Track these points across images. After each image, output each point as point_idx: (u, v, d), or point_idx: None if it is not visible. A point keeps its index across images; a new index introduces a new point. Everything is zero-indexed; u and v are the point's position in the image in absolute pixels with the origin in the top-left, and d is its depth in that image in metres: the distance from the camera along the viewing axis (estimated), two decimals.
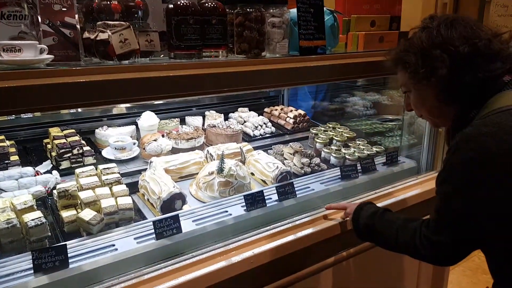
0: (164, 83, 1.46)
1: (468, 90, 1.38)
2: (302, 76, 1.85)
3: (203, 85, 1.57)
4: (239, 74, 1.65)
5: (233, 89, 1.62)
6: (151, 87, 1.43)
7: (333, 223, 1.95)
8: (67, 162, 2.45)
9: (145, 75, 1.41)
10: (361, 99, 3.59)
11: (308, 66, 1.84)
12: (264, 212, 1.99)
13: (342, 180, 2.31)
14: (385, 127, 3.11)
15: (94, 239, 1.74)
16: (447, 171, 1.37)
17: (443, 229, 1.40)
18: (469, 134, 1.30)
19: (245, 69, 1.68)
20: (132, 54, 1.53)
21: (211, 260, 1.65)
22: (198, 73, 1.56)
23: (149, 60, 1.65)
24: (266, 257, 1.71)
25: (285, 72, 1.78)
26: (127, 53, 1.51)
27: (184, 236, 1.78)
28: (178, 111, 3.16)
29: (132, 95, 1.39)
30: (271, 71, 1.74)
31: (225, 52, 1.77)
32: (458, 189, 1.33)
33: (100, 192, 2.02)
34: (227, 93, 2.08)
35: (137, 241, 1.74)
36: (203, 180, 2.27)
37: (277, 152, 2.72)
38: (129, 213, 1.93)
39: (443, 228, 1.40)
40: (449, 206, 1.37)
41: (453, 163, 1.34)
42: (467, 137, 1.30)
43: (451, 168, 1.35)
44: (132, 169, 2.49)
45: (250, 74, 1.68)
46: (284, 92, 3.54)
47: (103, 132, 2.71)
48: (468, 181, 1.30)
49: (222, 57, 1.76)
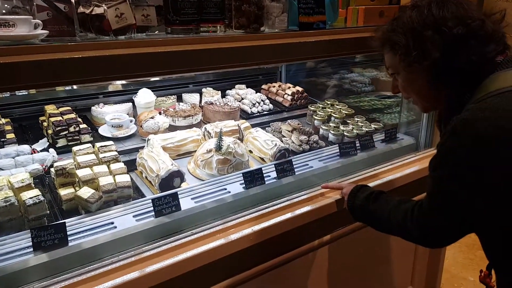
0: (161, 59, 1.43)
1: (461, 74, 1.33)
2: (301, 52, 1.82)
3: (200, 61, 1.54)
4: (238, 49, 1.62)
5: (231, 65, 1.60)
6: (148, 63, 1.40)
7: (331, 201, 1.95)
8: (63, 140, 2.43)
9: (142, 51, 1.38)
10: (360, 75, 3.55)
11: (308, 42, 1.81)
12: (262, 189, 1.99)
13: (340, 158, 2.31)
14: (383, 103, 3.09)
15: (93, 217, 1.73)
16: (442, 156, 1.34)
17: (435, 212, 1.39)
18: (465, 119, 1.26)
19: (243, 44, 1.65)
20: (129, 29, 1.50)
21: (210, 238, 1.66)
22: (196, 49, 1.53)
23: (146, 36, 1.61)
24: (265, 234, 1.72)
25: (284, 47, 1.75)
26: (123, 28, 1.48)
27: (183, 213, 1.77)
28: (175, 88, 3.12)
29: (129, 71, 1.36)
30: (270, 46, 1.70)
31: (223, 27, 1.73)
32: (453, 174, 1.31)
33: (98, 170, 2.00)
34: (225, 70, 2.05)
35: (136, 219, 1.74)
36: (201, 157, 2.26)
37: (275, 129, 2.71)
38: (127, 191, 1.92)
39: (435, 211, 1.39)
40: (443, 190, 1.35)
41: (449, 148, 1.30)
42: (463, 122, 1.26)
43: (446, 152, 1.32)
44: (130, 146, 2.48)
45: (248, 49, 1.65)
46: (282, 69, 3.50)
47: (99, 110, 2.68)
48: (464, 166, 1.28)
49: (220, 32, 1.72)
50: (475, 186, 1.28)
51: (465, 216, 1.35)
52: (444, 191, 1.35)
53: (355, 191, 1.81)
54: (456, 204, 1.33)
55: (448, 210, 1.36)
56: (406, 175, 2.25)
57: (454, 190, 1.32)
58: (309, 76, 3.53)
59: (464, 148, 1.26)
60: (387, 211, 1.61)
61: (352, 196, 1.80)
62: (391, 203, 1.62)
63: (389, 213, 1.59)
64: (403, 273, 2.66)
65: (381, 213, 1.64)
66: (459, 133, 1.27)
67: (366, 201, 1.72)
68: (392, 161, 2.37)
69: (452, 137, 1.29)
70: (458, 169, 1.29)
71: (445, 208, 1.36)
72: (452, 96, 1.39)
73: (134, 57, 1.36)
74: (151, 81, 2.98)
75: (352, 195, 1.80)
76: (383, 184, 2.14)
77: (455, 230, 1.39)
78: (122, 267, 1.55)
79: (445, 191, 1.35)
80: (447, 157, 1.32)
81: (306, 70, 3.55)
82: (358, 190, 1.80)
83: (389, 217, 1.59)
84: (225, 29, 1.75)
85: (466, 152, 1.26)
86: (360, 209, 1.75)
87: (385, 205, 1.64)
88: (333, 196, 1.99)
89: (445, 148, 1.32)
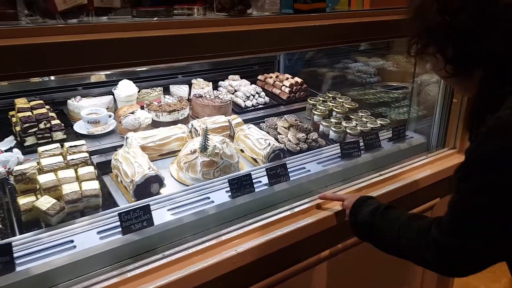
0: (120, 47, 1.16)
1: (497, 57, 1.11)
2: (297, 39, 1.54)
3: (172, 50, 1.27)
4: (219, 36, 1.35)
5: (210, 55, 1.32)
6: (98, 52, 1.12)
7: (330, 213, 1.69)
8: (32, 138, 2.18)
9: (91, 37, 1.11)
10: (364, 65, 3.26)
11: (304, 27, 1.52)
12: (252, 198, 1.73)
13: (342, 159, 2.03)
14: (391, 96, 2.81)
15: (49, 233, 1.49)
16: (474, 163, 1.10)
17: (459, 231, 1.14)
18: (506, 120, 1.05)
19: (226, 29, 1.37)
20: (82, 10, 1.22)
21: (185, 261, 1.41)
22: (167, 35, 1.25)
23: (108, 19, 1.34)
24: (250, 256, 1.46)
25: (276, 34, 1.47)
26: (73, 9, 1.20)
27: (156, 229, 1.52)
28: (162, 78, 2.84)
29: (76, 63, 1.09)
30: (259, 32, 1.43)
31: (201, 9, 1.45)
32: (488, 185, 1.06)
33: (63, 175, 1.75)
34: (209, 60, 1.78)
35: (101, 236, 1.49)
36: (185, 159, 2.00)
37: (270, 125, 2.44)
38: (94, 200, 1.67)
39: (459, 230, 1.14)
40: (473, 204, 1.11)
41: (483, 154, 1.07)
42: (503, 123, 1.04)
43: (479, 160, 1.08)
44: (107, 145, 2.22)
45: (232, 36, 1.37)
46: (280, 58, 3.21)
47: (76, 104, 2.42)
48: (501, 177, 1.04)
49: (198, 15, 1.44)
50: None
51: (500, 240, 1.09)
52: (474, 204, 1.10)
53: (358, 204, 1.55)
54: (490, 224, 1.09)
55: (478, 230, 1.11)
56: (415, 181, 1.97)
57: (485, 204, 1.08)
58: (310, 66, 3.24)
59: (502, 154, 1.04)
60: (396, 228, 1.35)
61: (355, 209, 1.54)
62: (402, 219, 1.37)
63: (399, 231, 1.33)
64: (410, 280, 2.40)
65: (389, 231, 1.38)
66: (496, 136, 1.05)
67: (372, 216, 1.46)
68: (401, 164, 2.09)
69: (488, 141, 1.07)
70: (494, 179, 1.06)
71: (472, 225, 1.11)
72: (485, 88, 1.14)
73: (82, 45, 1.09)
74: (136, 71, 2.71)
75: (355, 209, 1.54)
76: (391, 192, 1.87)
77: (485, 256, 1.13)
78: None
79: (474, 204, 1.10)
80: (479, 165, 1.09)
81: (307, 59, 3.26)
82: (362, 203, 1.55)
83: (399, 235, 1.33)
84: (204, 12, 1.47)
85: (505, 159, 1.03)
86: (364, 225, 1.49)
87: (394, 221, 1.38)
88: (332, 208, 1.73)
89: (477, 154, 1.09)
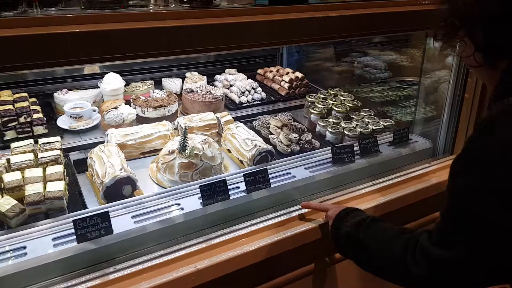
0: (60, 43, 1.03)
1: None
2: (272, 35, 1.37)
3: (121, 45, 1.13)
4: (180, 30, 1.20)
5: (168, 51, 1.18)
6: (33, 49, 1.00)
7: (312, 226, 1.53)
8: (12, 132, 2.10)
9: (25, 33, 0.98)
10: (375, 59, 3.05)
11: (280, 20, 1.36)
12: (226, 206, 1.59)
13: (333, 165, 1.86)
14: (399, 95, 2.60)
15: (3, 237, 1.39)
16: (470, 155, 0.96)
17: (452, 240, 0.97)
18: (494, 115, 0.95)
19: (187, 23, 1.22)
20: (19, 1, 1.10)
21: (137, 277, 1.28)
22: (118, 29, 1.12)
23: (55, 11, 1.21)
24: (211, 274, 1.32)
25: (246, 28, 1.31)
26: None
27: (115, 238, 1.41)
28: (156, 71, 2.72)
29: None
30: (226, 26, 1.27)
31: (161, 0, 1.31)
32: (485, 181, 0.91)
33: (30, 174, 1.66)
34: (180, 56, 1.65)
35: (55, 243, 1.39)
36: (163, 159, 1.88)
37: (262, 124, 2.29)
38: (58, 203, 1.57)
39: (452, 240, 0.97)
40: (467, 206, 0.95)
41: (481, 146, 0.94)
42: (507, 111, 0.93)
43: (476, 151, 0.95)
44: (88, 141, 2.12)
45: (195, 30, 1.22)
46: (283, 51, 3.03)
47: (62, 97, 2.33)
48: (503, 173, 0.89)
49: (156, 6, 1.30)
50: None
51: (496, 249, 0.93)
52: (468, 206, 0.95)
53: (343, 214, 1.40)
54: (484, 228, 0.92)
55: (470, 236, 0.94)
56: (414, 192, 1.78)
57: (482, 207, 0.92)
58: (314, 59, 3.05)
59: (505, 146, 0.90)
60: (382, 241, 1.19)
61: (339, 220, 1.38)
62: (388, 232, 1.21)
63: (384, 245, 1.18)
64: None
65: (373, 244, 1.22)
66: (499, 125, 0.94)
67: (356, 228, 1.30)
68: (400, 172, 1.90)
69: (488, 130, 0.96)
70: (493, 175, 0.91)
71: (467, 233, 0.95)
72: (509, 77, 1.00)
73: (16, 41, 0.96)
74: (128, 63, 2.59)
75: (339, 220, 1.39)
76: (384, 205, 1.69)
77: (480, 272, 0.96)
78: None
79: (469, 206, 0.95)
80: (476, 158, 0.95)
81: (312, 52, 3.07)
82: (348, 214, 1.39)
83: (383, 249, 1.18)
84: (166, 3, 1.32)
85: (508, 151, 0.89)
86: (346, 238, 1.32)
87: (380, 234, 1.23)
88: (316, 220, 1.57)
89: (474, 145, 0.97)
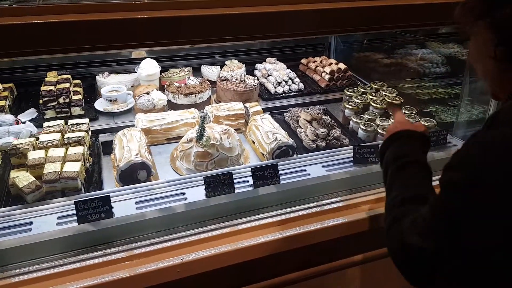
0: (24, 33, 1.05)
1: None
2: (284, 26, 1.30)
3: (85, 37, 1.13)
4: (153, 22, 1.17)
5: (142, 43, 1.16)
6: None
7: (312, 229, 1.45)
8: (52, 112, 2.22)
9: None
10: (432, 52, 2.80)
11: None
12: (230, 199, 1.55)
13: (354, 165, 1.74)
14: (449, 92, 2.37)
15: (10, 212, 1.48)
16: (466, 152, 0.94)
17: (430, 231, 0.96)
18: None
19: (161, 15, 1.19)
20: None
21: (127, 262, 1.30)
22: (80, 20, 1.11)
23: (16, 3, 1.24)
24: (196, 268, 1.30)
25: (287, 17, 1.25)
26: None
27: (115, 222, 1.44)
28: (197, 58, 2.73)
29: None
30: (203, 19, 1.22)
31: None
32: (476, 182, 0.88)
33: (52, 153, 1.74)
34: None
35: (59, 221, 1.45)
36: (181, 147, 1.88)
37: (292, 117, 2.20)
38: (72, 183, 1.64)
39: (430, 230, 0.96)
40: (452, 202, 0.92)
41: (481, 142, 0.92)
42: None
43: (473, 147, 0.93)
44: (119, 124, 2.18)
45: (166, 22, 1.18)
46: (331, 40, 2.89)
47: (102, 80, 2.42)
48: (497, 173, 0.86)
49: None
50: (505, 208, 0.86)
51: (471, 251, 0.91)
52: (453, 202, 0.92)
53: (393, 139, 1.31)
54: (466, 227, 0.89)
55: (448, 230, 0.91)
56: None
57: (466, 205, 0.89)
58: (365, 50, 2.88)
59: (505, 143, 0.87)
60: (393, 196, 1.15)
61: (388, 143, 1.31)
62: (407, 191, 1.14)
63: (392, 201, 1.14)
64: None
65: (389, 191, 1.19)
66: (503, 122, 0.93)
67: (393, 161, 1.23)
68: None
69: (491, 127, 0.95)
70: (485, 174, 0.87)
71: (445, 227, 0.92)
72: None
73: None
74: (167, 49, 2.63)
75: (388, 143, 1.31)
76: None
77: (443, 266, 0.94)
78: (29, 281, 1.29)
79: (453, 202, 0.92)
80: (474, 155, 0.92)
81: (362, 43, 2.90)
82: (396, 140, 1.30)
83: (389, 205, 1.15)
84: None
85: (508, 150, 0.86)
86: (383, 164, 1.29)
87: (400, 187, 1.17)
88: (314, 223, 1.49)
89: (474, 142, 0.94)
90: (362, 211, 1.59)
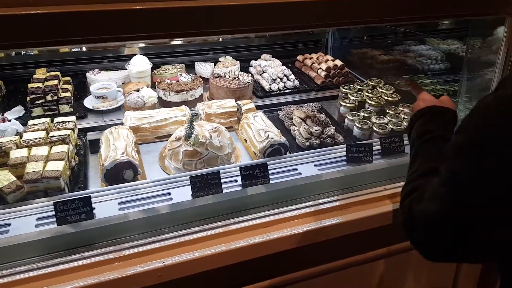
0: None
1: None
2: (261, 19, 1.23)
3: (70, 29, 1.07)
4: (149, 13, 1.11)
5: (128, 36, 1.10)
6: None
7: (301, 231, 1.39)
8: (39, 109, 2.17)
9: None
10: (431, 48, 2.73)
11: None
12: (217, 200, 1.49)
13: (347, 164, 1.68)
14: (448, 89, 2.30)
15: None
16: (469, 115, 0.92)
17: (435, 195, 0.93)
18: None
19: (153, 6, 1.13)
20: None
21: (104, 266, 1.24)
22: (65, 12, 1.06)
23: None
24: (178, 271, 1.24)
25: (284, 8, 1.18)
26: None
27: (96, 223, 1.38)
28: (190, 55, 2.67)
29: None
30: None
31: None
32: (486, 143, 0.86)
33: (35, 152, 1.69)
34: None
35: (38, 222, 1.39)
36: (170, 146, 1.83)
37: (285, 114, 2.14)
38: (54, 182, 1.58)
39: (435, 194, 0.93)
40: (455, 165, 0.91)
41: (481, 105, 0.90)
42: None
43: (474, 110, 0.91)
44: (108, 122, 2.12)
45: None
46: (329, 36, 2.82)
47: (93, 77, 2.37)
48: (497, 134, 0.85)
49: None
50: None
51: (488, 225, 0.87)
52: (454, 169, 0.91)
53: (420, 114, 1.32)
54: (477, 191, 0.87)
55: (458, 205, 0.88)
56: None
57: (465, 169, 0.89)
58: (362, 46, 2.81)
59: None
60: (412, 171, 1.16)
61: (415, 118, 1.33)
62: (424, 165, 1.13)
63: (410, 176, 1.15)
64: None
65: (411, 167, 1.19)
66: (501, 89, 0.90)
67: (420, 135, 1.24)
68: None
69: (500, 89, 0.90)
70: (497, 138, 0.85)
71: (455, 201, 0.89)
72: None
73: None
74: (163, 45, 2.57)
75: (416, 118, 1.33)
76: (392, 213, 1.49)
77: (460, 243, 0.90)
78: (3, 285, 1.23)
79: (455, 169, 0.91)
80: (474, 117, 0.92)
81: (360, 38, 2.83)
82: (422, 116, 1.31)
83: (406, 180, 1.15)
84: None
85: None
86: (411, 138, 1.31)
87: (419, 163, 1.16)
88: (300, 226, 1.42)
89: (483, 103, 0.91)
90: (356, 211, 1.53)
